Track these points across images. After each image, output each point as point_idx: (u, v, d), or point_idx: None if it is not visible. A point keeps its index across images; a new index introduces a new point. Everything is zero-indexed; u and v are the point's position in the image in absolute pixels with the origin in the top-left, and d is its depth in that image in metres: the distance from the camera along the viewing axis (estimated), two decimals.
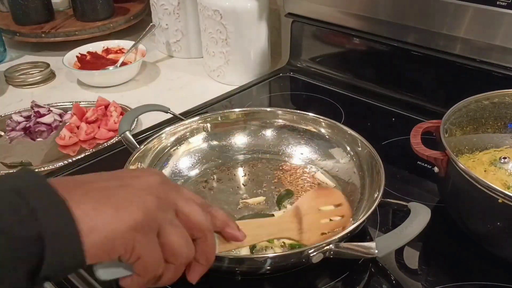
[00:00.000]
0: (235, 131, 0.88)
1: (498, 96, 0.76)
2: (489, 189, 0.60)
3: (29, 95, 1.17)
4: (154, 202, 0.41)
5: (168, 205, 0.43)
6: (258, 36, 1.15)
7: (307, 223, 0.62)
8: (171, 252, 0.42)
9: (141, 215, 0.40)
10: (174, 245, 0.42)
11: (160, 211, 0.41)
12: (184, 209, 0.44)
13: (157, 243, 0.42)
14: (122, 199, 0.40)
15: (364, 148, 0.77)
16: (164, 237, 0.42)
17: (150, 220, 0.40)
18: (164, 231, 0.42)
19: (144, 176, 0.44)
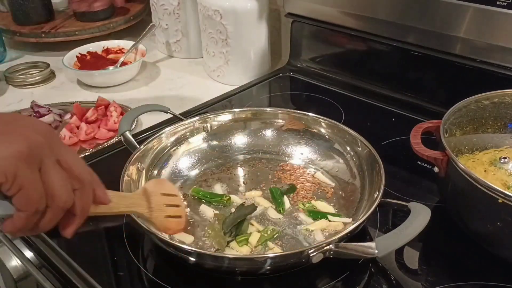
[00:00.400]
0: (235, 131, 0.88)
1: (498, 96, 0.76)
2: (489, 189, 0.60)
3: (29, 95, 1.17)
4: (41, 141, 0.42)
5: (53, 149, 0.44)
6: (258, 36, 1.15)
7: (155, 203, 0.66)
8: (50, 192, 0.43)
9: (25, 146, 0.40)
10: (54, 185, 0.43)
11: (44, 151, 0.42)
12: (68, 158, 0.45)
13: (38, 177, 0.42)
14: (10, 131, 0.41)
15: (364, 148, 0.77)
16: (45, 175, 0.42)
17: (34, 154, 0.41)
18: (46, 168, 0.42)
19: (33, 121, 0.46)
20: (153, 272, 0.67)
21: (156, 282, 0.66)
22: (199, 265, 0.65)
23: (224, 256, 0.63)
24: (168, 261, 0.69)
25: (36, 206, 0.42)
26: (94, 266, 0.68)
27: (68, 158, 0.45)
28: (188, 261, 0.65)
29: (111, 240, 0.74)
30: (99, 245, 0.73)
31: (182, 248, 0.63)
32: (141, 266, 0.68)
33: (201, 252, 0.64)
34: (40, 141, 0.42)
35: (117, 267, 0.69)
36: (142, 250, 0.71)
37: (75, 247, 0.73)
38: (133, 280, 0.67)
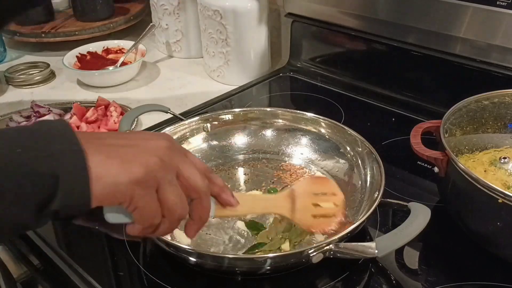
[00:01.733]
0: (235, 131, 0.88)
1: (498, 96, 0.76)
2: (489, 189, 0.60)
3: (29, 95, 1.17)
4: (157, 163, 0.47)
5: (170, 167, 0.48)
6: (258, 36, 1.15)
7: (300, 204, 0.63)
8: (166, 207, 0.48)
9: (142, 171, 0.45)
10: (169, 202, 0.48)
11: (161, 171, 0.47)
12: (184, 172, 0.49)
13: (155, 198, 0.47)
14: (128, 156, 0.46)
15: (364, 148, 0.77)
16: (161, 194, 0.47)
17: (150, 178, 0.46)
18: (162, 188, 0.47)
19: (152, 140, 0.49)
20: (153, 272, 0.67)
21: (156, 282, 0.66)
22: (199, 265, 0.65)
23: (224, 256, 0.63)
24: (168, 261, 0.69)
25: (150, 221, 0.48)
26: (94, 266, 0.68)
27: (185, 171, 0.49)
28: (188, 261, 0.65)
29: (111, 240, 0.74)
30: (99, 245, 0.73)
31: (182, 248, 0.63)
32: (141, 266, 0.68)
33: (201, 252, 0.64)
34: (157, 165, 0.47)
35: (117, 267, 0.69)
36: (142, 250, 0.71)
37: (75, 247, 0.73)
38: (133, 280, 0.68)
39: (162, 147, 0.48)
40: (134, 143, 0.48)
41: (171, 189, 0.48)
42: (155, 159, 0.47)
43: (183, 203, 0.49)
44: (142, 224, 0.48)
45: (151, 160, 0.46)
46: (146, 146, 0.48)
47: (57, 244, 0.72)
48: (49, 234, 0.74)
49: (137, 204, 0.46)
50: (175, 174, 0.49)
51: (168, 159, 0.48)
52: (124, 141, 0.48)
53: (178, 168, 0.49)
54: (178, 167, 0.49)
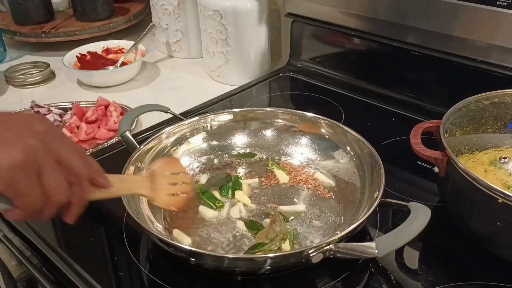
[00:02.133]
0: (235, 131, 0.88)
1: (498, 96, 0.76)
2: (489, 189, 0.60)
3: (29, 95, 1.17)
4: (37, 146, 0.45)
5: (50, 151, 0.47)
6: (258, 36, 1.15)
7: (159, 184, 0.68)
8: (47, 192, 0.47)
9: (22, 156, 0.44)
10: (50, 187, 0.47)
11: (41, 155, 0.45)
12: (64, 157, 0.48)
13: (36, 182, 0.46)
14: (6, 140, 0.44)
15: (364, 148, 0.77)
16: (42, 178, 0.46)
17: (31, 161, 0.45)
18: (43, 171, 0.46)
19: (29, 123, 0.47)
20: (153, 272, 0.67)
21: (156, 282, 0.66)
22: (199, 265, 0.65)
23: (224, 256, 0.63)
24: (168, 261, 0.69)
25: (32, 207, 0.47)
26: (94, 266, 0.68)
27: (65, 155, 0.48)
28: (188, 261, 0.65)
29: (111, 240, 0.74)
30: (99, 245, 0.73)
31: (182, 248, 0.63)
32: (141, 266, 0.68)
33: (201, 252, 0.64)
34: (36, 147, 0.45)
35: (117, 267, 0.69)
36: (142, 250, 0.71)
37: (75, 247, 0.73)
38: (133, 280, 0.68)
39: (40, 130, 0.47)
40: (11, 126, 0.46)
41: (52, 174, 0.47)
42: (35, 142, 0.45)
43: (64, 188, 0.48)
44: (23, 210, 0.47)
45: (31, 143, 0.45)
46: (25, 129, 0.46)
47: (57, 244, 0.72)
48: (49, 234, 0.74)
49: (19, 191, 0.45)
50: (55, 159, 0.47)
51: (47, 142, 0.47)
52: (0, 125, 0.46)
53: (57, 152, 0.48)
54: (58, 151, 0.48)
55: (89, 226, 0.76)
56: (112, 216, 0.77)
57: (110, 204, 0.77)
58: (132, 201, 0.70)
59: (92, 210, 0.77)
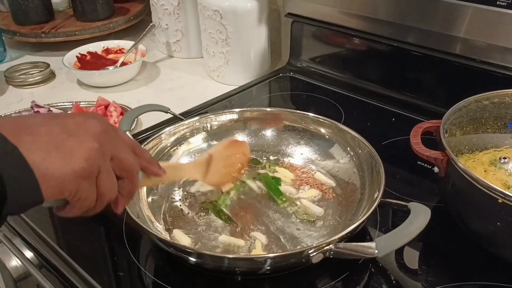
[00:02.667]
0: (235, 131, 0.88)
1: (498, 96, 0.76)
2: (489, 189, 0.60)
3: (29, 95, 1.17)
4: (97, 151, 0.47)
5: (107, 152, 0.49)
6: (258, 36, 1.15)
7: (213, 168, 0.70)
8: (101, 194, 0.49)
9: (86, 164, 0.46)
10: (104, 187, 0.49)
11: (100, 159, 0.47)
12: (119, 155, 0.50)
13: (95, 188, 0.48)
14: (68, 147, 0.45)
15: (364, 148, 0.77)
16: (99, 182, 0.48)
17: (93, 168, 0.47)
18: (101, 178, 0.48)
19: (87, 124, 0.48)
20: (153, 272, 0.67)
21: (156, 282, 0.66)
22: (199, 265, 0.65)
23: (224, 256, 0.63)
24: (168, 261, 0.69)
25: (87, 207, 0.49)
26: (94, 266, 0.68)
27: (120, 154, 0.50)
28: (188, 261, 0.65)
29: (111, 240, 0.74)
30: (99, 245, 0.73)
31: (182, 248, 0.63)
32: (141, 266, 0.68)
33: (201, 252, 0.64)
34: (96, 153, 0.47)
35: (117, 267, 0.69)
36: (142, 250, 0.71)
37: (75, 247, 0.73)
38: (133, 280, 0.68)
39: (98, 131, 0.48)
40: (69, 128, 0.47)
41: (107, 176, 0.49)
42: (95, 146, 0.47)
43: (115, 187, 0.51)
44: (79, 210, 0.49)
45: (91, 148, 0.46)
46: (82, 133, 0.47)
47: (57, 244, 0.72)
48: (49, 234, 0.74)
49: (80, 196, 0.47)
50: (110, 157, 0.49)
51: (105, 143, 0.48)
52: (58, 128, 0.46)
53: (113, 151, 0.50)
54: (114, 150, 0.50)
55: (89, 226, 0.76)
56: (112, 216, 0.77)
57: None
58: (132, 201, 0.70)
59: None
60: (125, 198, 0.54)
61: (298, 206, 0.76)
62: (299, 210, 0.75)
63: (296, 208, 0.75)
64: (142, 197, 0.74)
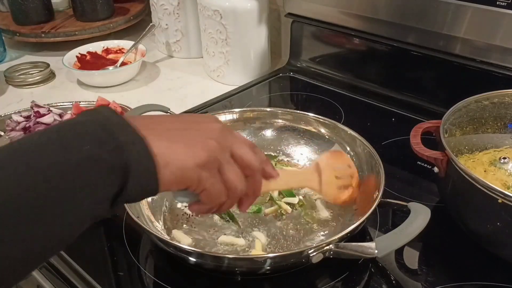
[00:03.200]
0: (235, 131, 0.88)
1: (498, 96, 0.76)
2: (489, 189, 0.60)
3: (29, 95, 1.17)
4: (215, 145, 0.49)
5: (226, 148, 0.50)
6: (258, 36, 1.15)
7: (325, 177, 0.68)
8: (229, 186, 0.50)
9: (205, 154, 0.47)
10: (231, 181, 0.50)
11: (220, 153, 0.49)
12: (238, 151, 0.51)
13: (219, 179, 0.50)
14: (190, 141, 0.48)
15: (364, 148, 0.77)
16: (224, 174, 0.50)
17: (212, 159, 0.48)
18: (223, 169, 0.50)
19: (205, 123, 0.51)
20: (153, 272, 0.67)
21: (156, 282, 0.66)
22: (199, 265, 0.65)
23: (224, 256, 0.63)
24: (168, 261, 0.69)
25: (217, 200, 0.51)
26: (94, 266, 0.68)
27: (238, 151, 0.52)
28: (188, 261, 0.65)
29: (111, 240, 0.74)
30: (99, 245, 0.73)
31: (182, 248, 0.63)
32: (141, 266, 0.68)
33: (201, 252, 0.64)
34: (215, 146, 0.49)
35: (117, 267, 0.69)
36: (142, 250, 0.71)
37: (75, 247, 0.73)
38: (133, 280, 0.67)
39: (216, 129, 0.51)
40: (190, 126, 0.50)
41: (231, 169, 0.50)
42: (213, 142, 0.49)
43: (242, 181, 0.52)
44: (209, 204, 0.51)
45: (210, 143, 0.49)
46: (202, 129, 0.50)
47: None
48: None
49: (204, 186, 0.48)
50: (230, 153, 0.51)
51: (223, 140, 0.50)
52: (180, 125, 0.50)
53: (232, 148, 0.51)
54: (232, 147, 0.51)
55: (89, 226, 0.76)
56: (112, 216, 0.77)
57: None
58: None
59: None
60: (251, 196, 0.55)
61: (308, 209, 0.75)
62: (308, 213, 0.75)
63: (307, 211, 0.75)
64: None
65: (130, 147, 0.42)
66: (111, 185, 0.41)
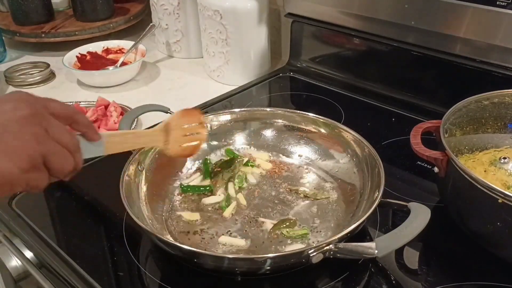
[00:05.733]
0: (235, 131, 0.88)
1: (498, 96, 0.76)
2: (489, 189, 0.60)
3: None
4: (33, 141, 0.49)
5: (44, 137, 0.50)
6: (258, 36, 1.15)
7: (172, 137, 0.70)
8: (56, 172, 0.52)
9: (26, 157, 0.48)
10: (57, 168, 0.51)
11: (39, 146, 0.49)
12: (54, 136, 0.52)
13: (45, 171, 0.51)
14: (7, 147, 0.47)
15: (364, 148, 0.77)
16: (49, 164, 0.51)
17: (35, 159, 0.49)
18: (47, 160, 0.50)
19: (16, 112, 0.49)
20: (153, 272, 0.67)
21: (156, 282, 0.66)
22: (199, 265, 0.65)
23: (224, 256, 0.63)
24: (168, 261, 0.69)
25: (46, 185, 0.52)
26: (94, 266, 0.68)
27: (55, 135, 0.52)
28: (188, 261, 0.65)
29: (111, 240, 0.74)
30: (99, 245, 0.73)
31: (182, 248, 0.63)
32: (141, 266, 0.68)
33: (201, 252, 0.64)
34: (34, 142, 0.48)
35: (117, 267, 0.69)
36: (142, 250, 0.71)
37: (75, 247, 0.73)
38: (133, 280, 0.68)
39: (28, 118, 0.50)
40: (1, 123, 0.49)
41: (55, 157, 0.51)
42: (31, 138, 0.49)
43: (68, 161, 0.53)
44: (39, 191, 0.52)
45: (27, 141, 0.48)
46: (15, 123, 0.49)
47: (57, 244, 0.72)
48: (49, 234, 0.74)
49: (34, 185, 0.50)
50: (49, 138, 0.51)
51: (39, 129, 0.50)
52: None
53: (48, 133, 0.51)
54: (48, 132, 0.51)
55: (89, 226, 0.76)
56: (112, 216, 0.77)
57: (110, 204, 0.77)
58: (132, 201, 0.70)
59: (92, 210, 0.78)
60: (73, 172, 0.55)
61: None
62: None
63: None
64: (142, 197, 0.74)
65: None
66: None
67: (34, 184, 0.50)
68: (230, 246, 0.69)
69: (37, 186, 0.51)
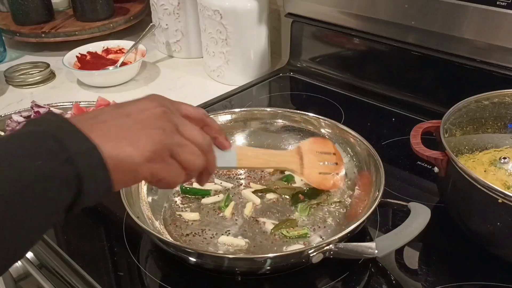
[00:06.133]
0: (235, 131, 0.88)
1: (498, 96, 0.76)
2: (489, 189, 0.60)
3: (29, 95, 1.17)
4: (160, 134, 0.49)
5: (172, 132, 0.51)
6: (258, 36, 1.15)
7: (307, 161, 0.68)
8: (186, 166, 0.51)
9: (152, 148, 0.48)
10: (187, 161, 0.51)
11: (167, 139, 0.49)
12: (185, 134, 0.52)
13: (173, 163, 0.50)
14: (134, 136, 0.48)
15: (364, 148, 0.77)
16: (177, 156, 0.50)
17: (160, 150, 0.49)
18: (175, 152, 0.50)
19: (148, 110, 0.50)
20: (153, 272, 0.67)
21: (156, 282, 0.66)
22: (199, 265, 0.65)
23: (224, 256, 0.63)
24: (168, 261, 0.69)
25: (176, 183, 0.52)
26: (94, 266, 0.68)
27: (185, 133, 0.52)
28: (188, 261, 0.65)
29: (111, 240, 0.74)
30: (99, 245, 0.73)
31: (182, 248, 0.63)
32: (141, 266, 0.68)
33: (201, 252, 0.64)
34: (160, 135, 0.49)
35: (117, 267, 0.69)
36: (142, 250, 0.71)
37: (75, 247, 0.73)
38: (133, 280, 0.68)
39: (159, 115, 0.50)
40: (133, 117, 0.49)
41: (184, 150, 0.51)
42: (158, 131, 0.49)
43: (199, 156, 0.53)
44: (171, 187, 0.53)
45: (155, 133, 0.49)
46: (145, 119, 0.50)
47: (57, 244, 0.72)
48: (49, 234, 0.74)
49: (159, 176, 0.49)
50: (179, 134, 0.51)
51: (167, 126, 0.50)
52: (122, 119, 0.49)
53: (178, 130, 0.51)
54: (179, 129, 0.51)
55: (89, 226, 0.76)
56: (112, 216, 0.77)
57: (110, 204, 0.77)
58: (132, 201, 0.70)
59: (92, 210, 0.78)
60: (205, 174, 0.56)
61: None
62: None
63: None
64: (142, 197, 0.74)
65: (80, 157, 0.42)
66: (65, 197, 0.42)
67: (162, 176, 0.49)
68: (230, 246, 0.69)
69: (166, 179, 0.50)
